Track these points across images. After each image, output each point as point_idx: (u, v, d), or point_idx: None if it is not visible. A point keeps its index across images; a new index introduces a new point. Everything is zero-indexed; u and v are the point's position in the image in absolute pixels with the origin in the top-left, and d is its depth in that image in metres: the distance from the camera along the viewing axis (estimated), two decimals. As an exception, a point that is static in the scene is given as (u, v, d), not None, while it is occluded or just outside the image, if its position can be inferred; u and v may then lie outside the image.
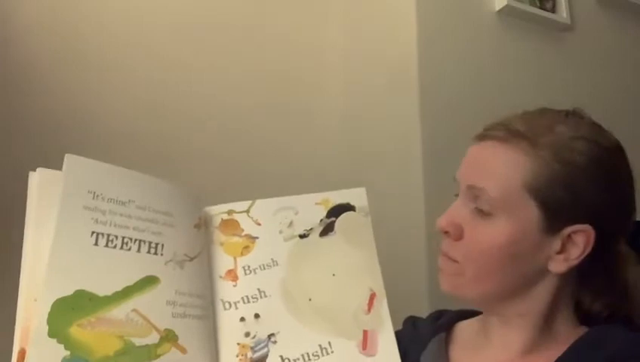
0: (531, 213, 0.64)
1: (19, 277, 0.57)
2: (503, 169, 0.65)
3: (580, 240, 0.63)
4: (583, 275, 0.68)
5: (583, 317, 0.70)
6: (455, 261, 0.68)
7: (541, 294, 0.67)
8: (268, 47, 1.52)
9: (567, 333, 0.67)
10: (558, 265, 0.64)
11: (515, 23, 1.51)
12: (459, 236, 0.67)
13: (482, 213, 0.65)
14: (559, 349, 0.65)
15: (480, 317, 0.76)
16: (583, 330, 0.67)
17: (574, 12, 1.62)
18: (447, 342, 0.76)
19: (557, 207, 0.63)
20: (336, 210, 0.76)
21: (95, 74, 1.30)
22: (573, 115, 0.68)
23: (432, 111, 1.30)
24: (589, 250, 0.64)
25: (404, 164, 1.32)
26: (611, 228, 0.66)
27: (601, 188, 0.64)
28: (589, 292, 0.69)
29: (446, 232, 0.68)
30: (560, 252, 0.64)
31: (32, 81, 1.22)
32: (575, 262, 0.64)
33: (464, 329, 0.77)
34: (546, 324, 0.68)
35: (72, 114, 1.25)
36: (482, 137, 0.69)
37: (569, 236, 0.64)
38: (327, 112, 1.56)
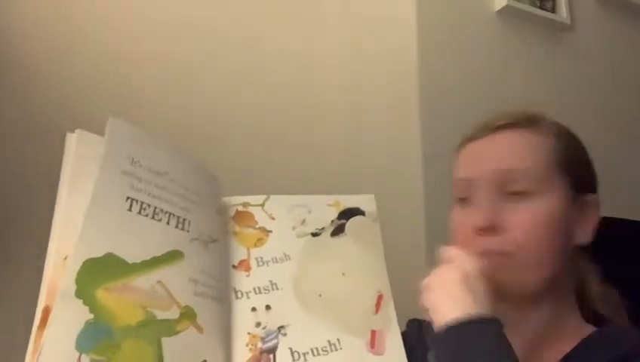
0: (562, 187, 0.68)
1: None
2: (533, 148, 0.69)
3: (592, 207, 0.70)
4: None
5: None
6: (509, 254, 0.65)
7: (569, 275, 0.70)
8: (268, 50, 1.53)
9: (575, 330, 0.68)
10: (585, 236, 0.69)
11: (515, 23, 1.50)
12: (501, 228, 0.66)
13: (520, 195, 0.66)
14: (568, 344, 0.66)
15: None
16: (590, 329, 0.69)
17: (574, 12, 1.62)
18: None
19: (577, 178, 0.69)
20: (347, 213, 0.78)
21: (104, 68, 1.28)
22: None
23: (431, 111, 1.30)
24: (599, 216, 0.70)
25: (404, 165, 1.31)
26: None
27: (589, 161, 0.73)
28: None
29: (490, 228, 0.66)
30: (583, 223, 0.69)
31: (35, 74, 1.20)
32: (594, 232, 0.69)
33: None
34: (561, 316, 0.69)
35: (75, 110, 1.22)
36: (490, 131, 0.71)
37: (584, 206, 0.69)
38: (327, 113, 1.55)
